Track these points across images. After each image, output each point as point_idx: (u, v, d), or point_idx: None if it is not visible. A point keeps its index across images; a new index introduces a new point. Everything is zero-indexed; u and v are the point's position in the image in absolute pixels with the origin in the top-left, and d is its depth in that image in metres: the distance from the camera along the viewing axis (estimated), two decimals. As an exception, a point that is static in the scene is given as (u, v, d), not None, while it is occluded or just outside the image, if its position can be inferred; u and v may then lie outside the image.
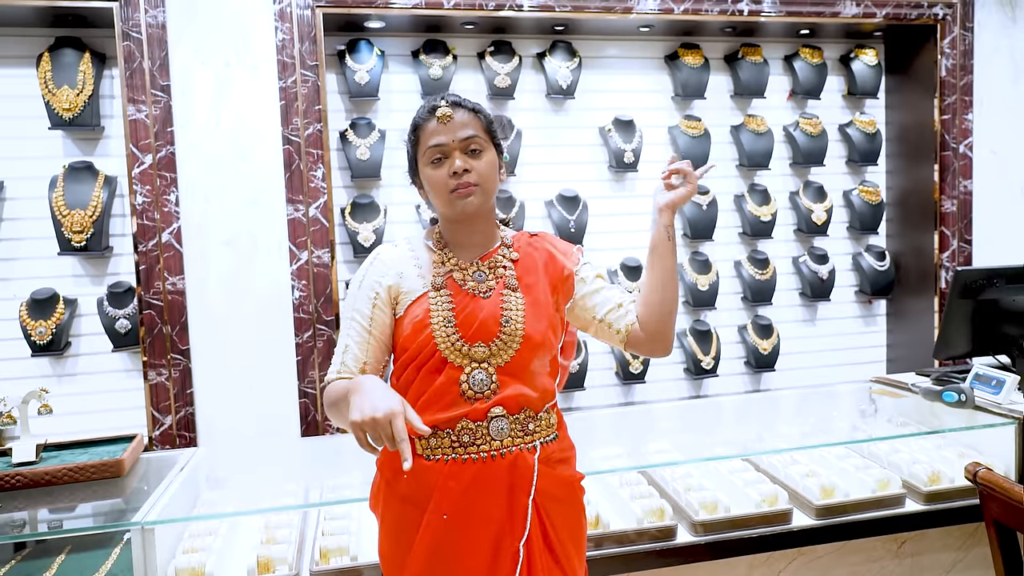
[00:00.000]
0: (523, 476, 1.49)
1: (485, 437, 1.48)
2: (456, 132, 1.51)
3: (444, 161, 1.51)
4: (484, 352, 1.49)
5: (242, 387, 2.90)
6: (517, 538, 1.47)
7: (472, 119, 1.53)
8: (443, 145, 1.51)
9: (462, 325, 1.49)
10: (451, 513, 1.46)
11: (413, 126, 1.58)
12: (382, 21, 3.07)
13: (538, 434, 1.53)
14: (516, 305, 1.53)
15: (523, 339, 1.51)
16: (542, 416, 1.54)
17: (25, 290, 2.89)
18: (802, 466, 2.44)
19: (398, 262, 1.57)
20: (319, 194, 2.91)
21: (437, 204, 1.56)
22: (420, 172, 1.57)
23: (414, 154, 1.58)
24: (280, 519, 2.20)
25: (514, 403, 1.50)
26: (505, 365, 1.50)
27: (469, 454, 1.47)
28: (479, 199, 1.52)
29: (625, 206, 3.51)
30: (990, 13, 3.56)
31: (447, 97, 1.55)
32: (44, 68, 2.82)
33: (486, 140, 1.54)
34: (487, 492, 1.47)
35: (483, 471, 1.47)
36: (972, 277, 2.53)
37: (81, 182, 2.87)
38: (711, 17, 3.22)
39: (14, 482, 2.05)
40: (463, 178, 1.49)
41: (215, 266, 2.87)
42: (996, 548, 1.80)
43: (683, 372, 3.58)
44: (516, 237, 1.65)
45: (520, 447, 1.50)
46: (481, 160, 1.52)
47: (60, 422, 2.72)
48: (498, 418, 1.49)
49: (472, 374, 1.49)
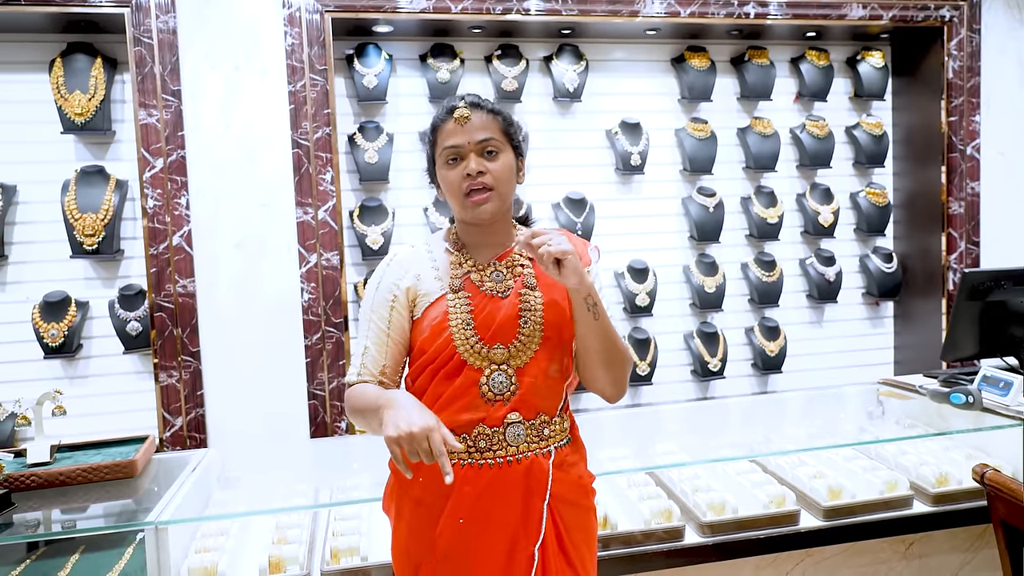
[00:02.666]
0: (538, 481, 1.49)
1: (501, 443, 1.49)
2: (472, 134, 1.49)
3: (459, 162, 1.50)
4: (503, 354, 1.49)
5: (252, 389, 2.92)
6: (532, 542, 1.48)
7: (490, 121, 1.52)
8: (459, 146, 1.50)
9: (480, 327, 1.49)
10: (467, 518, 1.47)
11: (432, 126, 1.57)
12: (390, 25, 3.09)
13: (553, 439, 1.54)
14: (535, 304, 1.52)
15: (542, 339, 1.51)
16: (556, 421, 1.55)
17: (38, 293, 2.92)
18: (810, 467, 2.44)
19: (415, 264, 1.56)
20: (328, 197, 2.93)
21: (452, 205, 1.55)
22: (437, 172, 1.56)
23: (432, 154, 1.57)
24: (291, 519, 2.22)
25: (531, 408, 1.50)
26: (524, 366, 1.50)
27: (485, 459, 1.48)
28: (494, 205, 1.51)
29: (632, 208, 3.52)
30: (997, 15, 3.56)
31: (466, 97, 1.54)
32: (56, 73, 2.85)
33: (503, 142, 1.53)
34: (502, 497, 1.48)
35: (499, 476, 1.48)
36: (979, 279, 2.54)
37: (93, 186, 2.89)
38: (717, 20, 3.23)
39: (29, 482, 2.08)
40: (477, 180, 1.48)
41: (225, 269, 2.89)
42: (1004, 549, 1.80)
43: (690, 374, 3.58)
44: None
45: (536, 452, 1.51)
46: (497, 162, 1.51)
47: (72, 423, 2.74)
48: (515, 424, 1.49)
49: (492, 376, 1.48)
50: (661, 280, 3.48)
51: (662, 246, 3.56)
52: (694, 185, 3.56)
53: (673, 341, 3.56)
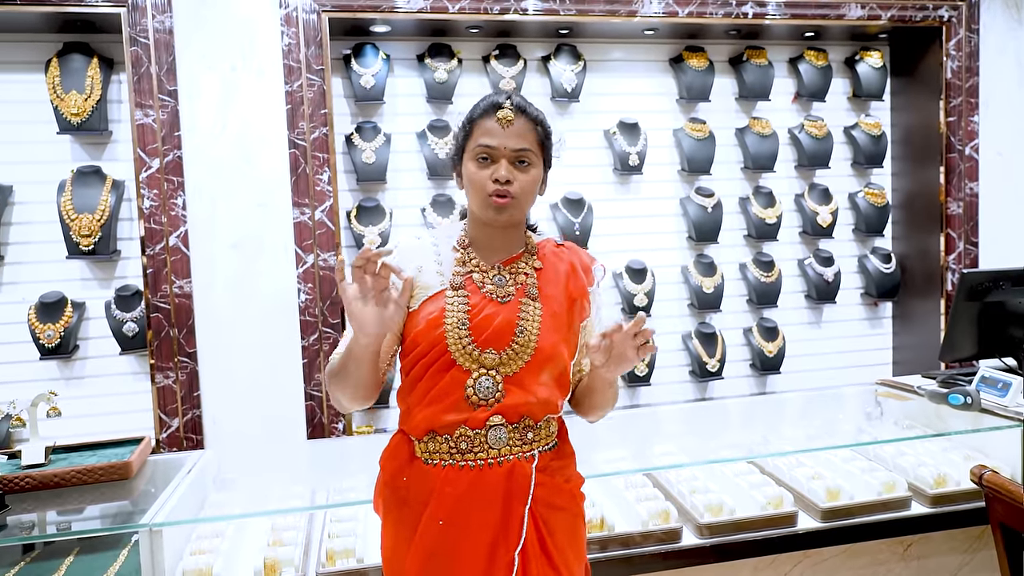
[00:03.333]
0: (520, 485, 1.48)
1: (483, 445, 1.47)
2: (511, 140, 1.47)
3: (489, 163, 1.48)
4: (494, 359, 1.47)
5: (249, 390, 2.91)
6: (512, 547, 1.46)
7: (530, 130, 1.49)
8: (494, 148, 1.47)
9: (475, 328, 1.47)
10: (447, 519, 1.46)
11: (470, 116, 1.52)
12: (387, 25, 3.09)
13: (537, 443, 1.52)
14: (533, 315, 1.50)
15: (535, 351, 1.48)
16: (541, 425, 1.53)
17: (34, 293, 2.91)
18: (807, 468, 2.44)
19: (418, 255, 1.54)
20: (325, 197, 2.92)
21: (471, 201, 1.53)
22: (464, 163, 1.52)
23: (463, 143, 1.53)
24: (287, 521, 2.22)
25: (514, 413, 1.48)
26: (513, 375, 1.48)
27: (466, 461, 1.47)
28: (511, 214, 1.49)
29: (630, 209, 3.51)
30: (996, 15, 3.55)
31: (513, 98, 1.50)
32: (53, 73, 2.84)
33: (537, 155, 1.51)
34: (483, 499, 1.46)
35: (479, 478, 1.46)
36: (978, 279, 2.53)
37: (89, 186, 2.88)
38: (716, 20, 3.22)
39: (23, 484, 2.07)
40: (503, 187, 1.46)
41: (222, 269, 2.88)
42: (1002, 551, 1.80)
43: (688, 375, 3.58)
44: (541, 244, 1.62)
45: (518, 456, 1.49)
46: (527, 175, 1.49)
47: (68, 425, 2.74)
48: (497, 427, 1.47)
49: (479, 380, 1.47)
50: (659, 280, 3.47)
51: (660, 246, 3.55)
52: (692, 185, 3.55)
53: (671, 342, 3.56)
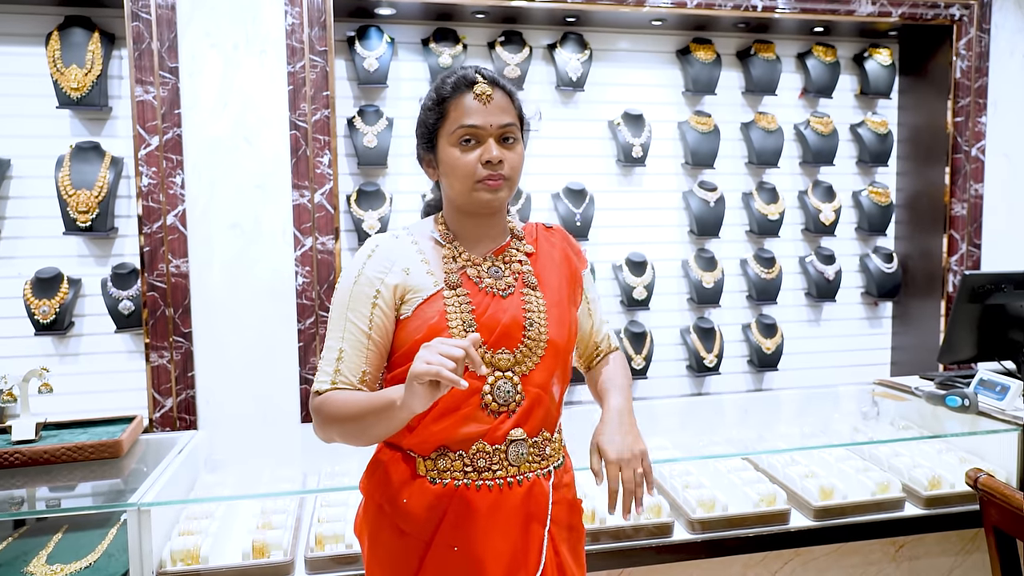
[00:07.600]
0: (539, 505, 1.36)
1: (502, 462, 1.34)
2: (494, 116, 1.33)
3: (475, 145, 1.34)
4: (508, 360, 1.35)
5: (243, 371, 2.90)
6: (532, 572, 1.34)
7: (509, 104, 1.37)
8: (479, 128, 1.33)
9: (483, 328, 1.34)
10: (462, 545, 1.32)
11: (440, 96, 1.38)
12: (392, 8, 3.06)
13: (552, 458, 1.42)
14: (537, 307, 1.39)
15: (547, 344, 1.38)
16: (556, 439, 1.43)
17: (29, 269, 2.89)
18: (802, 467, 2.43)
19: (402, 256, 1.38)
20: (325, 180, 2.90)
21: (454, 191, 1.38)
22: (439, 150, 1.38)
23: (435, 128, 1.39)
24: (277, 504, 2.21)
25: (534, 424, 1.37)
26: (530, 374, 1.36)
27: (484, 480, 1.33)
28: (504, 195, 1.36)
29: (632, 200, 3.49)
30: (1007, 15, 3.52)
31: (483, 72, 1.36)
32: (53, 47, 2.81)
33: (519, 128, 1.39)
34: (502, 523, 1.33)
35: (499, 500, 1.33)
36: (980, 282, 2.52)
37: (88, 162, 2.86)
38: (724, 12, 3.19)
39: (13, 460, 2.06)
40: (496, 169, 1.33)
41: (219, 250, 2.87)
42: (995, 555, 1.79)
43: (685, 369, 3.56)
44: (528, 228, 1.51)
45: (537, 473, 1.37)
46: (515, 152, 1.36)
47: (61, 402, 2.73)
48: (518, 442, 1.34)
49: (497, 384, 1.34)
50: (659, 274, 3.46)
51: (661, 240, 3.53)
52: (695, 179, 3.53)
53: (669, 336, 3.54)
